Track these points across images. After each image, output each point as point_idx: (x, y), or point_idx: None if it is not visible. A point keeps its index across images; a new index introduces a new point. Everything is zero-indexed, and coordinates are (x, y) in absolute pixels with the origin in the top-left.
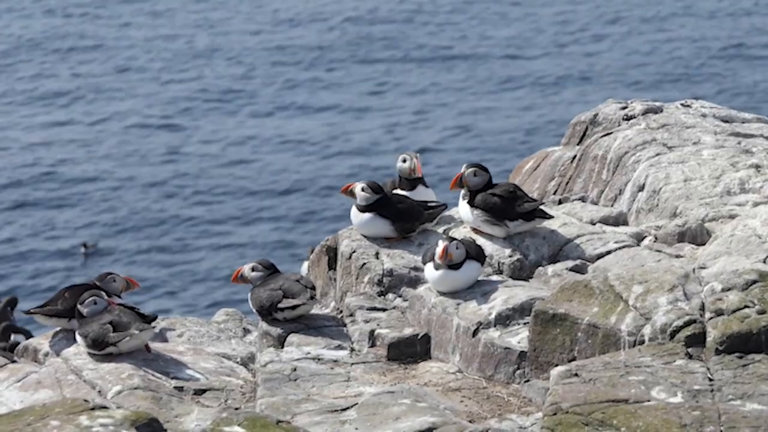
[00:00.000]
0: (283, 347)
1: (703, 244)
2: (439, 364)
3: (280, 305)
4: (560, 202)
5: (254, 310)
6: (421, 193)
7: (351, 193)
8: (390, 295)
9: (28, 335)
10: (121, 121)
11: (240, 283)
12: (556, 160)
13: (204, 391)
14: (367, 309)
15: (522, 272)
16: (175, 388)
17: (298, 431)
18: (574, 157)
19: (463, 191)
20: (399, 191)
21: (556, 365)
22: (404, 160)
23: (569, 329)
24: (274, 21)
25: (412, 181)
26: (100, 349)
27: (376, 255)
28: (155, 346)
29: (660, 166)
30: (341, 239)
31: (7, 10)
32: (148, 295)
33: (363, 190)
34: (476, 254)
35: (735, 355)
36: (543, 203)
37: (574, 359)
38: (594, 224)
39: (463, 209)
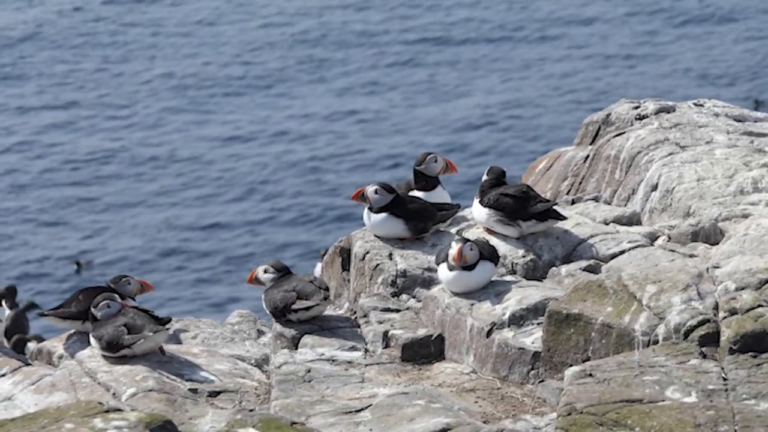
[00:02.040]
0: (297, 348)
1: (717, 244)
2: (453, 364)
3: (294, 306)
4: (573, 202)
5: (268, 312)
6: (438, 195)
7: (362, 198)
8: (404, 296)
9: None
10: (122, 121)
11: (254, 284)
12: (569, 160)
13: (218, 392)
14: (381, 310)
15: (535, 272)
16: (190, 390)
17: None
18: (587, 157)
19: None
20: (416, 192)
21: (570, 365)
22: (435, 160)
23: (583, 329)
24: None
25: (431, 182)
26: (115, 351)
27: (390, 256)
28: (169, 348)
29: (673, 166)
30: (354, 240)
31: None
32: (162, 298)
33: (377, 192)
34: (490, 255)
35: (749, 355)
36: (556, 203)
37: (588, 359)
38: (607, 224)
39: (476, 209)
